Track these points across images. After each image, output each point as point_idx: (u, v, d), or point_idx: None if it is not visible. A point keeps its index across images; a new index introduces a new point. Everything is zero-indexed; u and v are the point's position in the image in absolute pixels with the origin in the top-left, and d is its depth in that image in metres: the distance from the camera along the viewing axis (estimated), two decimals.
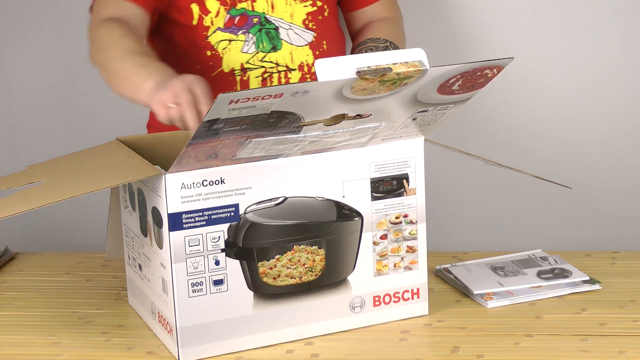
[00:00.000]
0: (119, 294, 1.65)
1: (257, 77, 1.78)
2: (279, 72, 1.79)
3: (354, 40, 1.93)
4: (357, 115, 1.35)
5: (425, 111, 1.41)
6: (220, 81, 1.78)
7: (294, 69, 1.79)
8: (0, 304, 1.63)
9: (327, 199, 1.44)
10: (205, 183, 1.36)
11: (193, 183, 1.36)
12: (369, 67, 1.27)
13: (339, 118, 1.35)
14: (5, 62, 2.19)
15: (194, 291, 1.39)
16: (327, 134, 1.37)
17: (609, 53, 2.16)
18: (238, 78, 1.78)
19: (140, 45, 1.64)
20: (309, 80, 1.79)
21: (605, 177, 2.20)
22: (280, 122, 1.30)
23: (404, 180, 1.48)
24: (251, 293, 1.42)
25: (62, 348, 1.45)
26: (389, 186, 1.48)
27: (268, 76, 1.78)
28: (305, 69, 1.80)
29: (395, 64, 1.29)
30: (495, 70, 1.36)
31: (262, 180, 1.39)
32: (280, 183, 1.41)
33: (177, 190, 1.35)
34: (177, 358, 1.40)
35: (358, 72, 1.27)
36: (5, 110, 2.26)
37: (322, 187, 1.43)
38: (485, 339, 1.44)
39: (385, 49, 1.79)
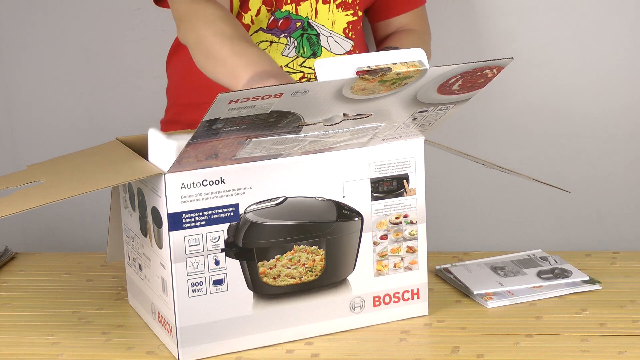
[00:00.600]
0: (119, 294, 1.65)
1: None
2: (317, 78, 1.79)
3: (377, 49, 1.93)
4: (357, 115, 1.35)
5: (425, 111, 1.41)
6: None
7: None
8: (0, 304, 1.63)
9: (327, 199, 1.44)
10: (205, 183, 1.36)
11: (193, 183, 1.36)
12: (368, 67, 1.27)
13: (339, 118, 1.35)
14: (5, 62, 2.19)
15: (193, 291, 1.39)
16: (327, 134, 1.37)
17: (608, 53, 2.16)
18: None
19: (236, 28, 1.55)
20: None
21: (605, 177, 2.20)
22: (280, 122, 1.30)
23: (404, 181, 1.49)
24: (251, 293, 1.42)
25: (62, 348, 1.45)
26: (389, 186, 1.48)
27: (306, 81, 1.78)
28: None
29: (395, 64, 1.29)
30: (495, 71, 1.36)
31: (262, 180, 1.40)
32: (280, 183, 1.41)
33: (177, 190, 1.35)
34: (177, 358, 1.40)
35: (358, 72, 1.27)
36: (5, 110, 2.27)
37: (322, 187, 1.43)
38: (485, 339, 1.44)
39: None
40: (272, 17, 1.77)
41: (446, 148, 1.56)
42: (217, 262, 1.39)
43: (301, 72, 1.79)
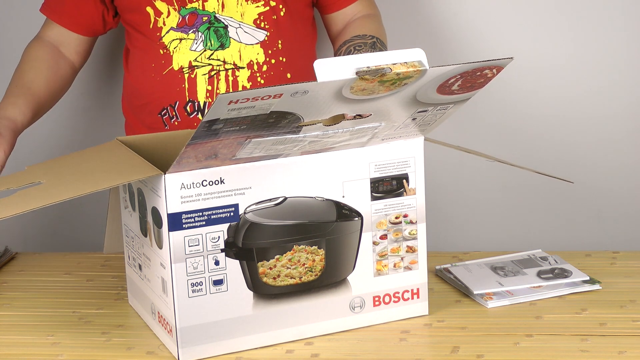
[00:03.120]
0: (119, 294, 1.65)
1: (204, 74, 1.82)
2: (226, 70, 1.81)
3: (336, 40, 1.92)
4: (356, 115, 1.35)
5: (425, 111, 1.41)
6: (170, 79, 1.83)
7: (243, 67, 1.82)
8: (0, 304, 1.63)
9: (326, 199, 1.44)
10: (205, 183, 1.36)
11: (193, 183, 1.36)
12: (368, 67, 1.27)
13: (339, 118, 1.35)
14: (5, 62, 2.19)
15: (193, 291, 1.39)
16: (327, 134, 1.37)
17: (608, 53, 2.16)
18: (186, 75, 1.82)
19: (26, 84, 1.83)
20: (259, 78, 1.82)
21: (605, 177, 2.20)
22: (279, 122, 1.30)
23: (404, 180, 1.48)
24: (251, 293, 1.42)
25: (62, 348, 1.45)
26: (388, 186, 1.48)
27: (215, 74, 1.81)
28: (255, 67, 1.82)
29: (394, 64, 1.29)
30: (494, 70, 1.36)
31: (261, 180, 1.39)
32: (280, 183, 1.41)
33: (176, 191, 1.35)
34: (177, 358, 1.40)
35: (357, 73, 1.27)
36: None
37: (322, 187, 1.43)
38: (485, 339, 1.44)
39: (373, 44, 1.79)
40: (180, 16, 1.82)
41: (447, 145, 1.56)
42: (217, 262, 1.39)
43: (210, 64, 1.81)
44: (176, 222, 1.36)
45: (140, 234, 1.47)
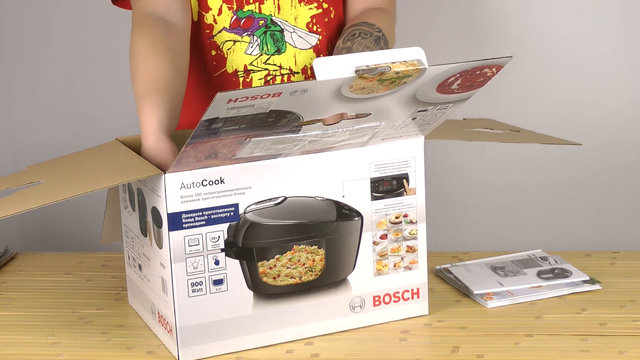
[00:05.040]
0: (119, 294, 1.65)
1: (260, 79, 1.78)
2: (282, 75, 1.78)
3: (350, 22, 1.89)
4: (356, 114, 1.35)
5: (425, 110, 1.41)
6: (224, 81, 1.78)
7: (297, 72, 1.79)
8: (0, 304, 1.63)
9: (326, 199, 1.44)
10: (204, 183, 1.36)
11: (193, 183, 1.36)
12: (367, 66, 1.27)
13: (338, 117, 1.35)
14: (5, 62, 2.19)
15: (193, 291, 1.39)
16: (327, 133, 1.37)
17: (608, 53, 2.16)
18: (241, 79, 1.78)
19: (160, 72, 1.56)
20: None
21: (605, 177, 2.20)
22: (279, 121, 1.30)
23: (404, 180, 1.48)
24: (251, 293, 1.42)
25: (62, 348, 1.45)
26: (388, 186, 1.48)
27: (271, 79, 1.78)
28: (309, 72, 1.79)
29: (394, 62, 1.29)
30: (494, 69, 1.36)
31: (261, 180, 1.39)
32: (280, 183, 1.41)
33: (176, 190, 1.35)
34: (177, 358, 1.40)
35: (357, 71, 1.27)
36: (5, 110, 2.27)
37: (322, 186, 1.43)
38: (485, 339, 1.44)
39: (377, 39, 1.76)
40: (235, 17, 1.76)
41: (449, 138, 1.54)
42: (217, 262, 1.39)
43: (266, 69, 1.78)
44: (176, 221, 1.36)
45: (140, 234, 1.47)
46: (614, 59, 2.15)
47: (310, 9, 1.79)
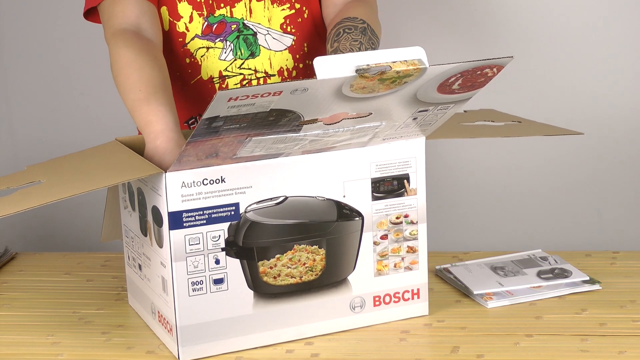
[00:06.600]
0: (119, 294, 1.65)
1: (235, 84, 1.77)
2: (258, 78, 1.78)
3: (329, 25, 1.88)
4: (357, 114, 1.35)
5: (426, 111, 1.41)
6: (200, 88, 1.78)
7: (273, 75, 1.78)
8: (0, 304, 1.62)
9: (327, 199, 1.44)
10: (205, 182, 1.36)
11: (193, 182, 1.36)
12: (368, 65, 1.27)
13: (339, 117, 1.35)
14: (6, 62, 2.19)
15: (194, 290, 1.39)
16: (328, 132, 1.37)
17: (608, 53, 2.16)
18: (217, 86, 1.78)
19: (156, 78, 1.57)
20: None
21: (605, 177, 2.20)
22: (280, 120, 1.30)
23: (405, 181, 1.48)
24: (251, 292, 1.42)
25: (62, 348, 1.45)
26: (389, 186, 1.48)
27: (247, 83, 1.77)
28: (285, 73, 1.79)
29: (394, 62, 1.29)
30: (495, 70, 1.36)
31: (262, 180, 1.39)
32: (280, 182, 1.41)
33: (177, 189, 1.35)
34: (177, 357, 1.40)
35: (357, 70, 1.27)
36: (5, 110, 2.27)
37: (323, 186, 1.43)
38: (485, 339, 1.44)
39: (363, 30, 1.75)
40: (206, 23, 1.76)
41: (450, 137, 1.54)
42: (217, 261, 1.39)
43: (241, 74, 1.77)
44: (177, 220, 1.36)
45: (140, 233, 1.47)
46: (615, 62, 2.15)
47: (283, 9, 1.79)
